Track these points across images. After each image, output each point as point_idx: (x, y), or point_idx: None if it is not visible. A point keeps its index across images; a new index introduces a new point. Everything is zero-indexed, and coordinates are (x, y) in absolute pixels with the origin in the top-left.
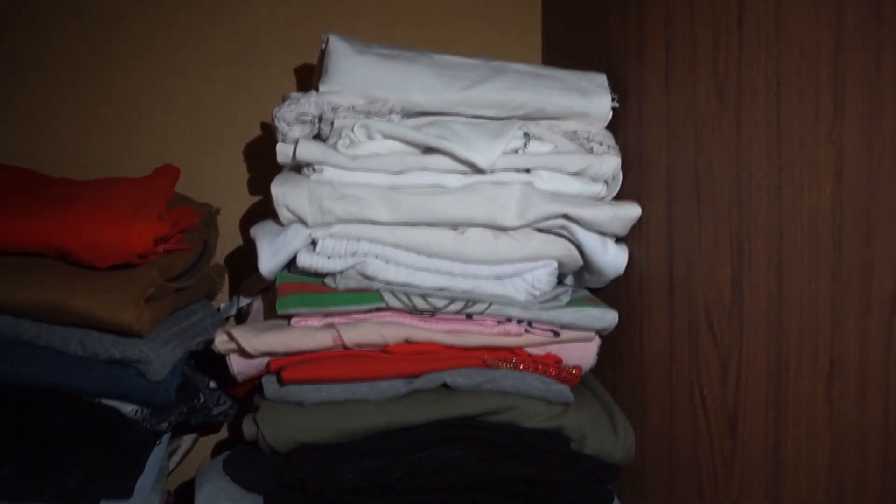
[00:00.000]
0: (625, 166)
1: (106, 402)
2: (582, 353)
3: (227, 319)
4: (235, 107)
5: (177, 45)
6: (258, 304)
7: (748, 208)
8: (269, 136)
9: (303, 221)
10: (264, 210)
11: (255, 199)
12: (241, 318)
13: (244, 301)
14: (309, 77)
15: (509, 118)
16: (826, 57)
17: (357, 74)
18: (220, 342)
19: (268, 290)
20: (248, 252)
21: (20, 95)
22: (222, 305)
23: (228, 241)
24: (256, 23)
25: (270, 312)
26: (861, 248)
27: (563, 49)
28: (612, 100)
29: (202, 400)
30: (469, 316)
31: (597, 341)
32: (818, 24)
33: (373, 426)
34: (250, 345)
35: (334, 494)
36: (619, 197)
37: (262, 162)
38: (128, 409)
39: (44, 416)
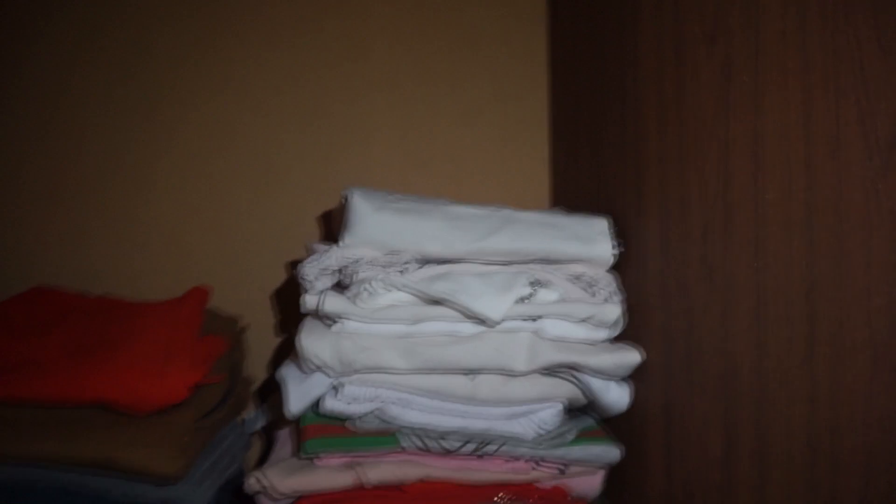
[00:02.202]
0: (629, 307)
1: None
2: (588, 485)
3: (251, 436)
4: (259, 223)
5: (204, 166)
6: (284, 434)
7: (736, 401)
8: (291, 251)
9: (326, 371)
10: (290, 323)
11: (280, 308)
12: (268, 435)
13: (270, 418)
14: (327, 199)
15: (519, 262)
16: (800, 276)
17: (376, 230)
18: (252, 484)
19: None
20: (277, 357)
21: (55, 219)
22: (247, 417)
23: (255, 348)
24: (279, 145)
25: (296, 443)
26: (829, 476)
27: (569, 183)
28: (614, 246)
29: None
30: (481, 455)
31: (601, 473)
32: (791, 252)
33: None
34: (279, 488)
35: None
36: (624, 334)
37: (287, 272)
38: None
39: None
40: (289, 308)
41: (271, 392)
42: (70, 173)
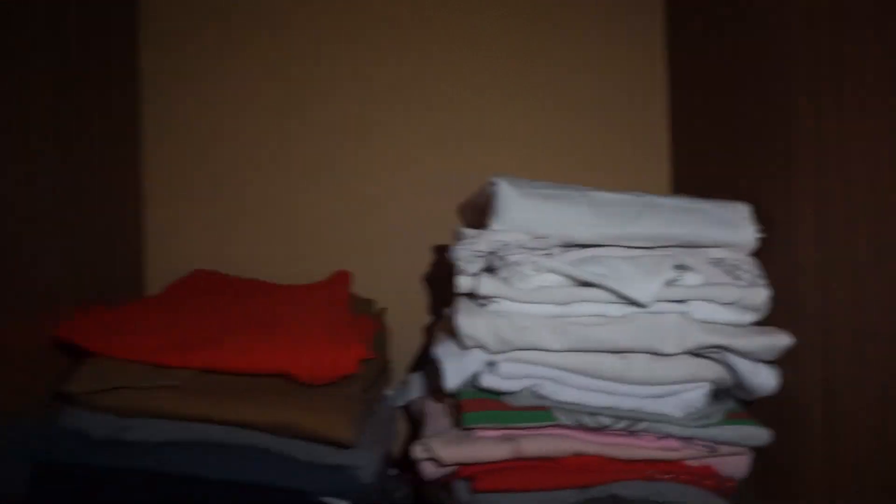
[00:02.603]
0: (775, 292)
1: (323, 499)
2: (736, 466)
3: (397, 410)
4: (391, 213)
5: (340, 158)
6: (433, 408)
7: None
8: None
9: (484, 348)
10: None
11: (413, 292)
12: (409, 411)
13: (412, 395)
14: (457, 190)
15: (662, 247)
16: None
17: (524, 216)
18: (419, 452)
19: (437, 392)
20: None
21: (203, 210)
22: (389, 394)
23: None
24: (412, 138)
25: (445, 417)
26: None
27: (697, 173)
28: (757, 231)
29: (386, 488)
30: (632, 432)
31: (749, 455)
32: None
33: None
34: (445, 456)
35: None
36: (771, 319)
37: (419, 259)
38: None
39: None
40: (422, 293)
41: (412, 370)
42: (218, 167)
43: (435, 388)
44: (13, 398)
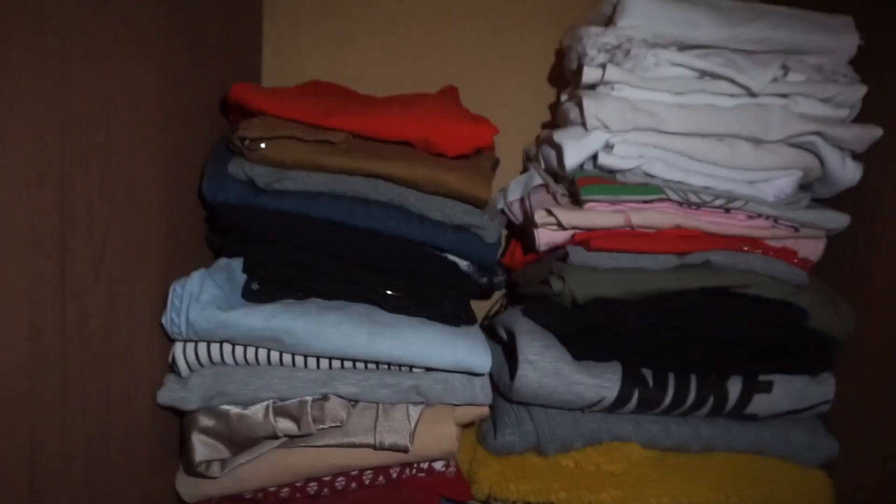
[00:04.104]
0: (868, 96)
1: (450, 257)
2: (813, 249)
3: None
4: (497, 37)
5: None
6: (538, 200)
7: None
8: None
9: (606, 128)
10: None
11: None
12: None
13: (512, 197)
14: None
15: (767, 52)
16: None
17: (648, 14)
18: (540, 217)
19: (537, 189)
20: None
21: (323, 26)
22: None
23: None
24: None
25: (552, 205)
26: None
27: None
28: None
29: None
30: (727, 210)
31: (824, 240)
32: None
33: (652, 289)
34: (566, 220)
35: (619, 335)
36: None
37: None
38: (463, 264)
39: (415, 261)
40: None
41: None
42: None
43: (540, 185)
44: None
